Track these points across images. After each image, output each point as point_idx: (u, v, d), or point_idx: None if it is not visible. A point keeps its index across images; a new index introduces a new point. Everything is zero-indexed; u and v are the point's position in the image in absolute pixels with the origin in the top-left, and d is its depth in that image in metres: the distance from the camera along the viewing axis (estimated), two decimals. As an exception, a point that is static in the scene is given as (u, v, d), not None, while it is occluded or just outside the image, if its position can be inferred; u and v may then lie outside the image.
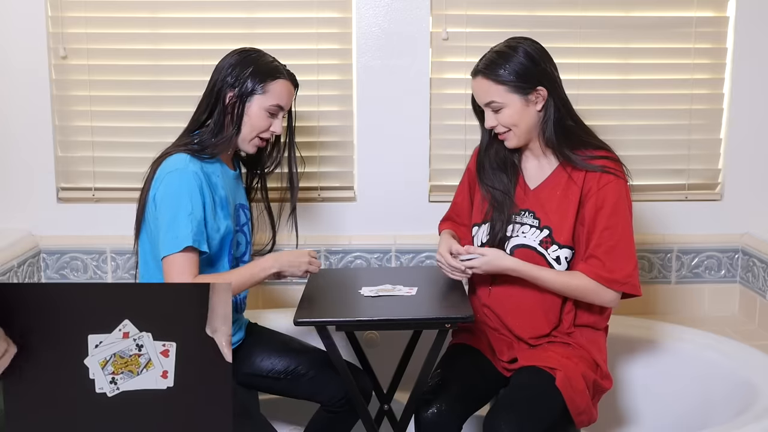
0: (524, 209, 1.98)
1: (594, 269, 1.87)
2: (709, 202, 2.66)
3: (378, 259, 2.63)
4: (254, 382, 2.05)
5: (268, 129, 1.98)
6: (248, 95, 1.93)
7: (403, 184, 2.61)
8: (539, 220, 1.95)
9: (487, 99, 1.91)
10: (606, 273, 1.86)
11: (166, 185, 1.84)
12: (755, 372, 2.07)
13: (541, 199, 1.96)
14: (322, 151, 2.62)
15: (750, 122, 2.61)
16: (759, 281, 2.53)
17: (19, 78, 2.52)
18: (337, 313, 1.89)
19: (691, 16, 2.58)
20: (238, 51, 1.99)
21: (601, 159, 1.92)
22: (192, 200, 1.82)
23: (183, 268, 1.79)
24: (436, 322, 1.81)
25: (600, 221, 1.88)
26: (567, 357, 1.91)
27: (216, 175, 1.93)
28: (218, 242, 1.90)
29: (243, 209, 2.07)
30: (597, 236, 1.88)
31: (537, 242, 1.93)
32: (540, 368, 1.88)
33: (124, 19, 2.54)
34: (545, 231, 1.93)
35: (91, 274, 2.60)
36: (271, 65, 1.98)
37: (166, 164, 1.87)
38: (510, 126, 1.92)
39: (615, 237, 1.87)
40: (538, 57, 1.89)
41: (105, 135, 2.57)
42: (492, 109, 1.91)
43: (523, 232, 1.95)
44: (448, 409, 1.82)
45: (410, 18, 2.54)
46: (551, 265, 1.92)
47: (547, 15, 2.57)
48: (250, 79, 1.93)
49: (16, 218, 2.58)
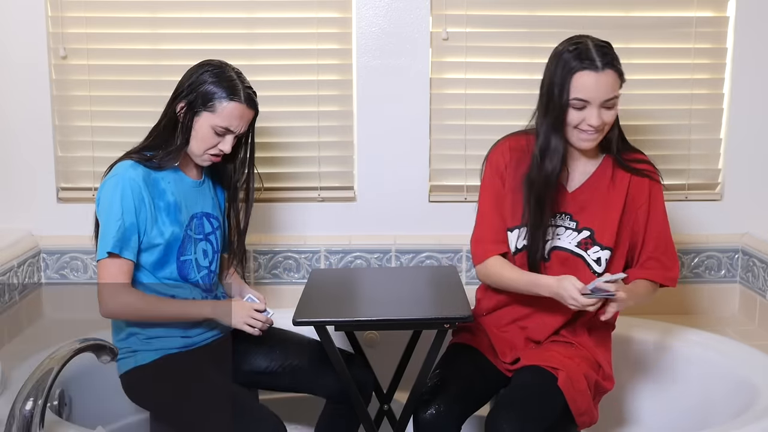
0: (561, 212, 1.96)
1: (658, 271, 1.97)
2: (709, 202, 2.66)
3: (378, 259, 2.63)
4: (254, 380, 2.05)
5: (215, 147, 1.94)
6: (198, 110, 1.90)
7: (403, 184, 2.61)
8: (577, 222, 1.94)
9: (611, 94, 1.85)
10: (668, 272, 1.98)
11: (103, 191, 1.89)
12: (755, 372, 2.07)
13: (580, 201, 1.95)
14: (322, 151, 2.61)
15: (750, 122, 2.61)
16: (759, 281, 2.53)
17: (19, 78, 2.52)
18: (336, 313, 1.89)
19: (691, 16, 2.58)
20: (203, 63, 1.95)
21: (642, 163, 1.98)
22: (123, 206, 1.84)
23: (109, 273, 1.85)
24: (435, 322, 1.81)
25: (654, 226, 1.96)
26: (569, 357, 1.90)
27: (166, 182, 1.93)
28: (163, 247, 1.91)
29: (208, 218, 2.04)
30: (654, 240, 1.96)
31: (574, 244, 1.93)
32: (542, 368, 1.88)
33: (124, 19, 2.54)
34: (585, 232, 1.93)
35: (91, 274, 2.60)
36: (230, 84, 1.90)
37: (111, 170, 1.91)
38: (609, 124, 1.90)
39: (666, 238, 1.99)
40: None
41: (105, 135, 2.57)
42: (607, 106, 1.86)
43: (558, 234, 1.94)
44: (446, 409, 1.82)
45: (410, 18, 2.54)
46: (590, 266, 1.93)
47: (547, 15, 2.57)
48: (203, 94, 1.89)
49: (16, 218, 2.58)
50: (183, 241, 1.95)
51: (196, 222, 2.00)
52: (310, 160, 2.61)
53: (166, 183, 1.93)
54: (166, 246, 1.91)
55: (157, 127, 1.98)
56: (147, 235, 1.89)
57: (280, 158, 2.60)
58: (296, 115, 2.60)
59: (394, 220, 2.62)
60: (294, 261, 2.62)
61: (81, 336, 1.54)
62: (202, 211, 2.02)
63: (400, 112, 2.57)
